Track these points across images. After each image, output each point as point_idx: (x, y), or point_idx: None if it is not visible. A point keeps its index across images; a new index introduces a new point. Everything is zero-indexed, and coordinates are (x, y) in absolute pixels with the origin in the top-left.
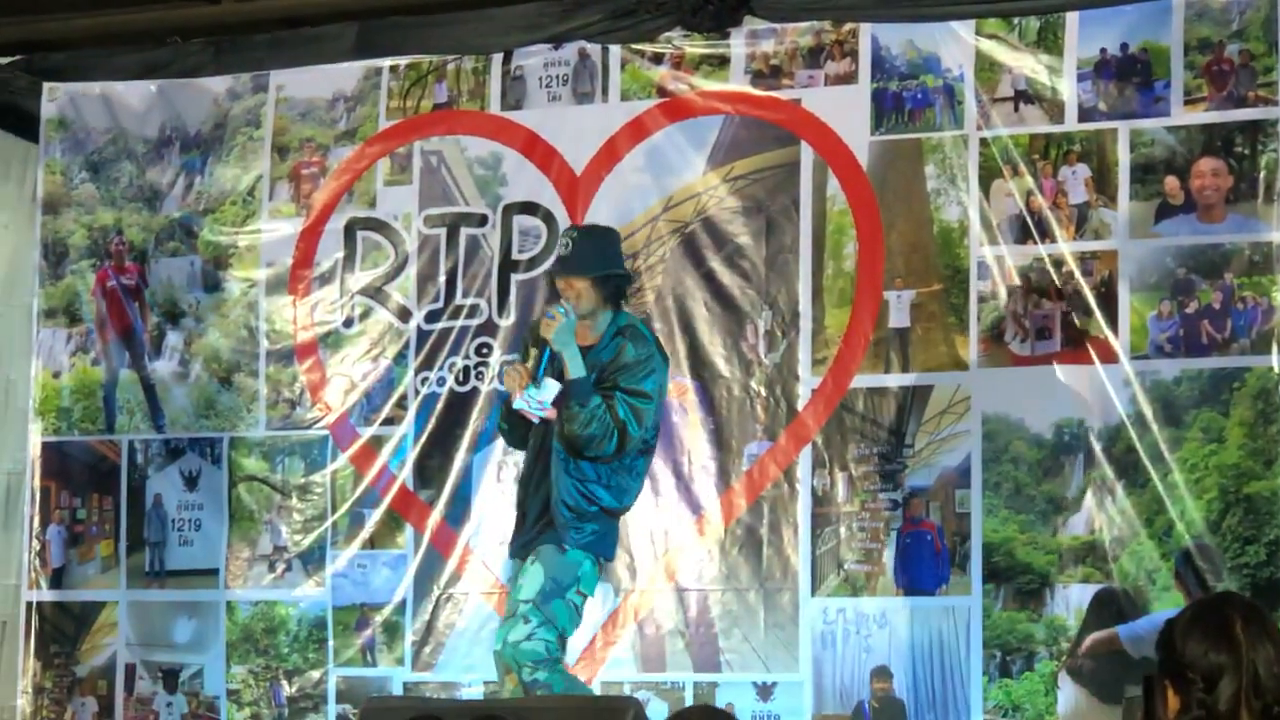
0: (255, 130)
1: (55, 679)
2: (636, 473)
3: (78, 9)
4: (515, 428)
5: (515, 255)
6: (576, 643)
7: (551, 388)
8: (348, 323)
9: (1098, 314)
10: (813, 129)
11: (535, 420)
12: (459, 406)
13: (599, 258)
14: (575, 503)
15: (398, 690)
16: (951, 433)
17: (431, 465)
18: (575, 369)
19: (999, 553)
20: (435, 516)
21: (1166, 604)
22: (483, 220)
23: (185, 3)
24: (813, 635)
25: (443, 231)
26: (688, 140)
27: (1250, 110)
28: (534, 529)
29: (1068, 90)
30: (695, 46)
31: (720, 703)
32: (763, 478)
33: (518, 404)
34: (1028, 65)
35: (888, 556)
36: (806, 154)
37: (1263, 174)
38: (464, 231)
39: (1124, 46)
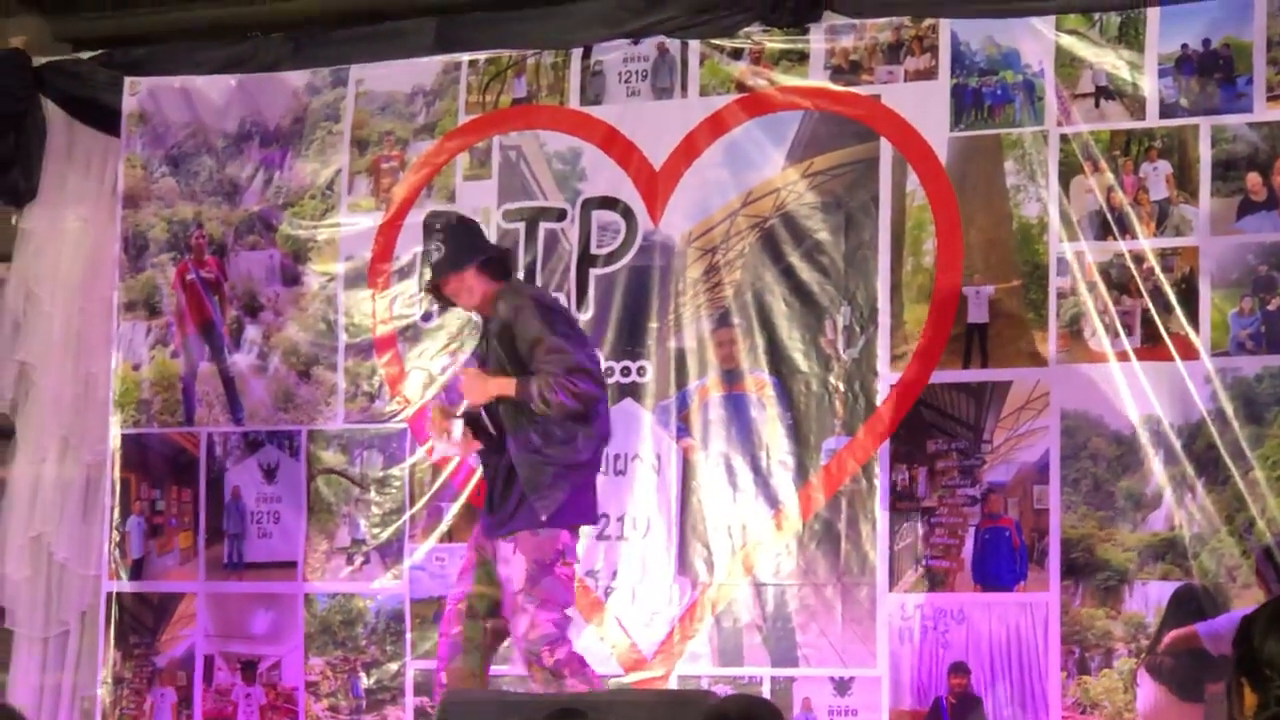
0: (334, 124)
1: (135, 669)
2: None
3: (159, 4)
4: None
5: (594, 250)
6: (653, 635)
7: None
8: (426, 316)
9: (1178, 310)
10: (892, 125)
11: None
12: None
13: (471, 246)
14: (533, 476)
15: None
16: (1030, 428)
17: None
18: (506, 393)
19: (1077, 549)
20: None
21: (1247, 601)
22: (561, 215)
23: None
24: (890, 630)
25: (521, 226)
26: (767, 136)
27: None
28: (505, 508)
29: (1149, 86)
30: (774, 42)
31: (798, 697)
32: (841, 473)
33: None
34: (1108, 61)
35: (966, 552)
36: (886, 150)
37: None
38: (543, 226)
39: (1206, 42)
